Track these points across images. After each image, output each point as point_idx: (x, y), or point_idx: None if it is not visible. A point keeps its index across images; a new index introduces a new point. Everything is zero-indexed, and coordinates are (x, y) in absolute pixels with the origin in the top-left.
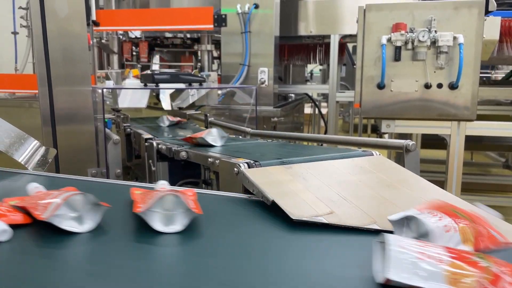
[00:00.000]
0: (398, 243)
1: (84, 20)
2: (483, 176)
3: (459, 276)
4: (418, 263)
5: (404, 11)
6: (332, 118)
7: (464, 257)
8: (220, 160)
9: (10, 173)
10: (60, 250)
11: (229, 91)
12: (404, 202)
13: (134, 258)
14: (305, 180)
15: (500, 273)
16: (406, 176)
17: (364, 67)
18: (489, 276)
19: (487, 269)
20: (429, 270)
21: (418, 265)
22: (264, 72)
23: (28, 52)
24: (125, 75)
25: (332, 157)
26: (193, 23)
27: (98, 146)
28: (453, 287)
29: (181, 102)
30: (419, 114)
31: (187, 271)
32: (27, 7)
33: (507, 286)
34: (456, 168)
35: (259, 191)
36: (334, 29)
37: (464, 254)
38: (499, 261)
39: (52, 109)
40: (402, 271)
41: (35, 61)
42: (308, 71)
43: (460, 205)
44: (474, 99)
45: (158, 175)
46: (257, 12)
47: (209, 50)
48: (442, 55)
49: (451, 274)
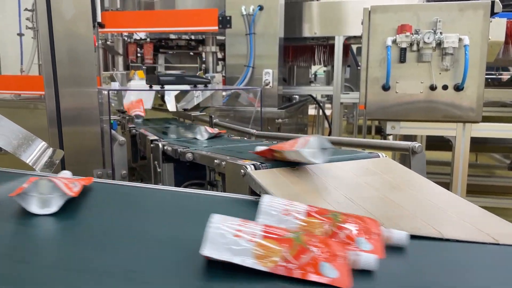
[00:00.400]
0: (220, 222)
1: (90, 22)
2: (488, 178)
3: (266, 251)
4: (232, 240)
5: (409, 12)
6: (336, 120)
7: (277, 234)
8: (226, 162)
9: (18, 174)
10: None
11: (233, 92)
12: (411, 204)
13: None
14: (312, 181)
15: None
16: (412, 178)
17: (369, 68)
18: (293, 251)
19: (295, 244)
20: (240, 246)
21: (231, 242)
22: (268, 74)
23: (34, 54)
24: (130, 76)
25: (338, 159)
26: (197, 24)
27: (104, 147)
28: (258, 260)
29: (186, 103)
30: (424, 116)
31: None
32: (32, 9)
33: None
34: (462, 169)
35: (266, 192)
36: (339, 30)
37: (278, 231)
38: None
39: (58, 110)
40: (217, 248)
41: (42, 62)
42: (312, 72)
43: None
44: (480, 100)
45: (164, 176)
46: (262, 14)
47: (213, 52)
48: (447, 56)
49: (259, 250)
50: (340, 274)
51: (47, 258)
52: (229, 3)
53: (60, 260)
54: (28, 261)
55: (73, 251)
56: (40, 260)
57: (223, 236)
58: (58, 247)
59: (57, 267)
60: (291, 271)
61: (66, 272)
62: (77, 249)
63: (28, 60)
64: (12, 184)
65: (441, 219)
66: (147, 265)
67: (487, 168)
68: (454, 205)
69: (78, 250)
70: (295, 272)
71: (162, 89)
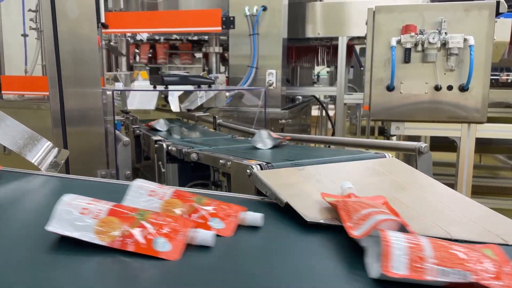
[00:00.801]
0: (70, 200)
1: (94, 22)
2: (492, 179)
3: (107, 227)
4: (77, 217)
5: (414, 12)
6: (339, 120)
7: (123, 212)
8: (232, 162)
9: (23, 174)
10: None
11: (237, 93)
12: (419, 205)
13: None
14: (318, 182)
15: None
16: (419, 178)
17: (373, 69)
18: (133, 227)
19: (136, 222)
20: (84, 222)
21: (76, 218)
22: (272, 74)
23: (38, 54)
24: (134, 77)
25: (344, 159)
26: (201, 25)
27: (108, 147)
28: (97, 235)
29: (189, 104)
30: (428, 116)
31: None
32: (36, 10)
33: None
34: (466, 170)
35: (272, 192)
36: (342, 31)
37: (125, 210)
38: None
39: (62, 110)
40: (61, 224)
41: (46, 62)
42: (315, 73)
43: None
44: (485, 101)
45: (168, 177)
46: (265, 14)
47: (217, 52)
48: (452, 57)
49: (101, 226)
50: (172, 248)
51: None
52: (232, 3)
53: None
54: None
55: None
56: None
57: (69, 213)
58: None
59: None
60: (126, 245)
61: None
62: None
63: (32, 61)
64: (22, 185)
65: (449, 219)
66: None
67: (491, 169)
68: (461, 205)
69: None
70: (129, 246)
71: (166, 90)
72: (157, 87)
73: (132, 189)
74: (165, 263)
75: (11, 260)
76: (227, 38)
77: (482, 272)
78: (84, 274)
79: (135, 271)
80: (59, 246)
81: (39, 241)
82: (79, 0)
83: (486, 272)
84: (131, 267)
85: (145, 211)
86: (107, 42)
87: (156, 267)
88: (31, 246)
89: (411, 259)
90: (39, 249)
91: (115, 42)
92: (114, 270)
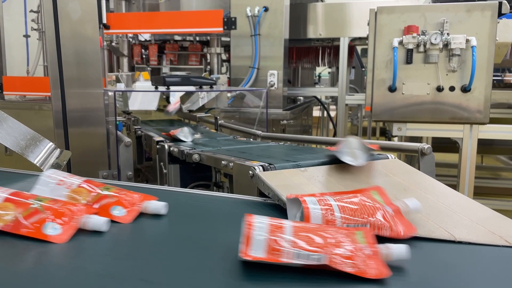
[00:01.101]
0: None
1: (96, 23)
2: (494, 180)
3: (2, 212)
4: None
5: (416, 13)
6: (341, 121)
7: (20, 199)
8: (234, 163)
9: (25, 175)
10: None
11: (238, 94)
12: (422, 206)
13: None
14: (321, 183)
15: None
16: (423, 179)
17: (375, 69)
18: (25, 213)
19: (30, 208)
20: None
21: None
22: (273, 75)
23: (39, 55)
24: (135, 77)
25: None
26: (203, 26)
27: (110, 148)
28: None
29: (191, 104)
30: (431, 117)
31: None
32: (38, 11)
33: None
34: (469, 171)
35: (275, 194)
36: (344, 32)
37: (23, 198)
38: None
39: (64, 111)
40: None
41: (48, 63)
42: (316, 74)
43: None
44: (487, 102)
45: (170, 178)
46: (267, 15)
47: (218, 53)
48: (454, 57)
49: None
50: (62, 232)
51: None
52: (234, 4)
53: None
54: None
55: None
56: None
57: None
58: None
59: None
60: (19, 229)
61: None
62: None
63: (34, 62)
64: (25, 185)
65: (453, 221)
66: None
67: (493, 170)
68: (465, 207)
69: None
70: (22, 230)
71: (168, 90)
72: (158, 87)
73: (41, 179)
74: (52, 246)
75: None
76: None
77: (336, 256)
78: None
79: (21, 252)
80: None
81: None
82: (81, 0)
83: (340, 256)
84: (18, 248)
85: (44, 198)
86: (109, 43)
87: (43, 248)
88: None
89: (269, 243)
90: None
91: (117, 43)
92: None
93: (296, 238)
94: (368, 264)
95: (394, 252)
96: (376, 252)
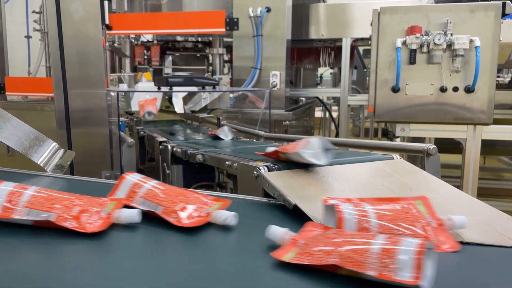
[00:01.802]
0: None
1: (99, 23)
2: (497, 181)
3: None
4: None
5: (419, 13)
6: (343, 122)
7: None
8: (238, 163)
9: (29, 175)
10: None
11: (240, 94)
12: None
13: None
14: (327, 183)
15: None
16: (428, 180)
17: (378, 70)
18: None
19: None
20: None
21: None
22: (275, 76)
23: (41, 56)
24: (138, 78)
25: (352, 161)
26: (205, 26)
27: (112, 149)
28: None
29: (193, 105)
30: (434, 118)
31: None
32: (40, 11)
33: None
34: (472, 172)
35: (280, 194)
36: (346, 32)
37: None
38: None
39: (67, 111)
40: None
41: (51, 64)
42: (318, 74)
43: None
44: (491, 102)
45: (173, 178)
46: (269, 16)
47: (220, 54)
48: (458, 58)
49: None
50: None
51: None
52: (236, 5)
53: None
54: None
55: None
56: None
57: None
58: None
59: None
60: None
61: None
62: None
63: (36, 62)
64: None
65: None
66: None
67: (496, 171)
68: (472, 207)
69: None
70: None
71: (171, 91)
72: (161, 88)
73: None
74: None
75: None
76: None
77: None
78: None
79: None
80: None
81: None
82: (84, 1)
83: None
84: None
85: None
86: (111, 44)
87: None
88: None
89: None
90: None
91: (119, 43)
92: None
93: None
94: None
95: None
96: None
